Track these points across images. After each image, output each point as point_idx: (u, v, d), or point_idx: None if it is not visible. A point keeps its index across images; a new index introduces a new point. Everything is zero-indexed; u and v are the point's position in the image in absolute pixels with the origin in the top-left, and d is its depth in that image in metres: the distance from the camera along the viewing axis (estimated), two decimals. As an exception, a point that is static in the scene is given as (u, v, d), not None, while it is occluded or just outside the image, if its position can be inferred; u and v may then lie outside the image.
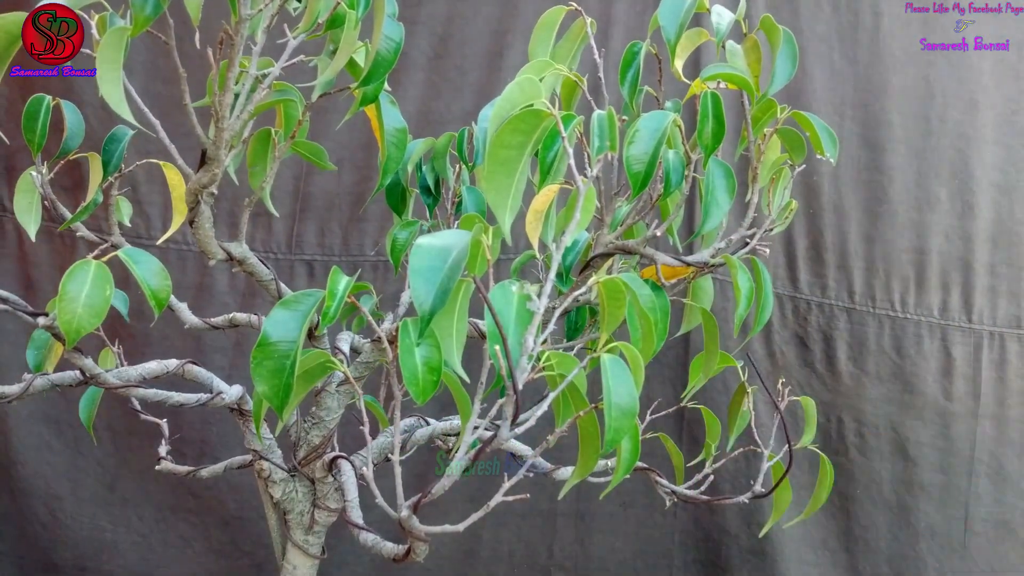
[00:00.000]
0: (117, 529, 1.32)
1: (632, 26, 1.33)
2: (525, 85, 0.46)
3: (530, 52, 0.61)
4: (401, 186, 0.78)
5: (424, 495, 0.49)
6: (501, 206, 0.46)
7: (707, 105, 0.51)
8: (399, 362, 0.44)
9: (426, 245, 0.42)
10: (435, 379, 0.46)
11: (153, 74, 1.20)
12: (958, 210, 1.37)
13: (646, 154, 0.48)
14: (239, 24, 0.41)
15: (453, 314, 0.47)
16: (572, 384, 0.48)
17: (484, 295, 0.43)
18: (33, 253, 1.28)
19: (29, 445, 1.29)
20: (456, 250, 0.43)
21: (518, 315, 0.43)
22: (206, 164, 0.47)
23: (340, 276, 0.49)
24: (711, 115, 0.51)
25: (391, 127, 0.55)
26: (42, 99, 0.63)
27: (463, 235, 0.43)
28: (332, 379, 0.69)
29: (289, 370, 0.48)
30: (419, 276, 0.42)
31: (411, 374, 0.44)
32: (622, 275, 0.47)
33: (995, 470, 1.35)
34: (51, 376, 0.64)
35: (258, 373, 0.47)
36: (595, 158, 0.46)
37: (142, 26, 0.42)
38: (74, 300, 0.48)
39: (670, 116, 0.49)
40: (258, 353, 0.47)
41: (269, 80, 0.45)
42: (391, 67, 0.49)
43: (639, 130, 0.49)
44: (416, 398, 0.45)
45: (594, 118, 0.47)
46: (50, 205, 0.67)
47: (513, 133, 0.45)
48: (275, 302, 0.66)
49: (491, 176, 0.45)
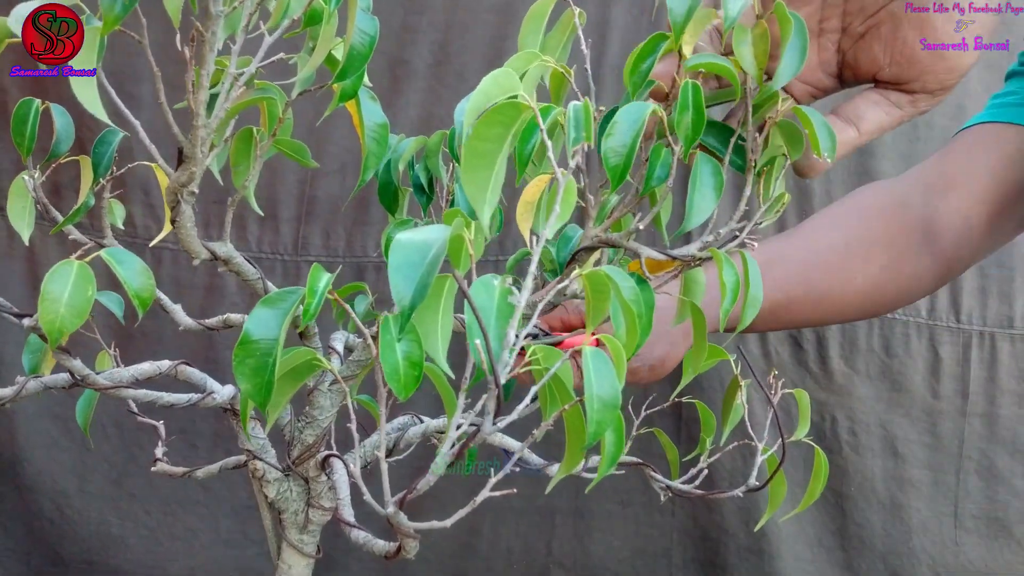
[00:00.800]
0: (124, 524, 1.31)
1: (629, 28, 1.32)
2: (501, 78, 0.45)
3: (520, 43, 0.60)
4: (394, 185, 0.77)
5: (409, 491, 0.49)
6: (479, 200, 0.44)
7: (687, 95, 0.49)
8: (379, 357, 0.44)
9: (404, 241, 0.42)
10: (417, 374, 0.44)
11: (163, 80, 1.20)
12: (945, 212, 1.38)
13: (624, 146, 0.46)
14: (209, 21, 0.41)
15: (437, 310, 0.46)
16: (557, 378, 0.48)
17: (464, 288, 0.43)
18: (42, 255, 1.29)
19: (36, 443, 1.29)
20: (436, 245, 0.42)
21: (499, 309, 0.42)
22: (184, 163, 0.47)
23: (321, 272, 0.48)
24: (691, 105, 0.49)
25: (371, 123, 0.55)
26: (31, 103, 0.62)
27: (443, 230, 0.43)
28: (325, 378, 0.69)
29: (271, 367, 0.47)
30: (398, 272, 0.41)
31: (392, 369, 0.43)
32: (605, 267, 0.47)
33: (986, 467, 1.33)
34: (43, 379, 0.64)
35: (240, 371, 0.47)
36: (571, 149, 0.46)
37: (111, 25, 0.42)
38: (56, 300, 0.47)
39: (648, 107, 0.48)
40: (240, 351, 0.47)
41: (244, 78, 0.44)
42: (366, 60, 0.48)
43: (617, 122, 0.47)
44: (398, 394, 0.45)
45: (570, 109, 0.46)
46: (43, 208, 0.67)
47: (490, 125, 0.44)
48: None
49: (468, 169, 0.44)
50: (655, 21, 1.33)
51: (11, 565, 1.30)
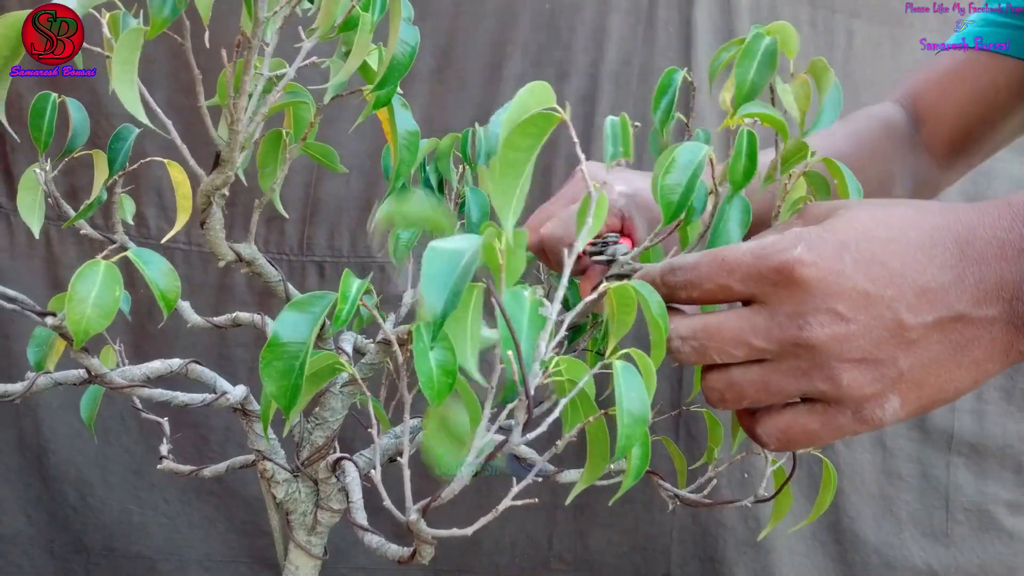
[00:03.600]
0: (145, 512, 1.30)
1: (626, 37, 1.31)
2: (537, 89, 0.45)
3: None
4: (405, 187, 0.77)
5: (434, 499, 0.48)
6: (505, 207, 0.42)
7: (742, 143, 0.48)
8: (414, 364, 0.43)
9: (438, 249, 0.41)
10: (450, 382, 0.43)
11: (175, 85, 1.17)
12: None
13: (680, 184, 0.46)
14: (256, 27, 0.40)
15: (467, 318, 0.45)
16: (582, 390, 0.48)
17: (497, 300, 0.43)
18: (61, 254, 1.27)
19: (60, 434, 1.28)
20: (468, 254, 0.41)
21: (531, 320, 0.40)
22: (219, 166, 0.46)
23: (352, 279, 0.47)
24: (744, 153, 0.48)
25: (403, 130, 0.53)
26: (48, 96, 0.61)
27: (474, 239, 0.43)
28: (336, 380, 0.68)
29: (299, 371, 0.45)
30: (431, 281, 0.40)
31: (427, 377, 0.42)
32: (633, 281, 0.47)
33: (975, 462, 1.33)
34: (54, 375, 0.62)
35: (267, 373, 0.45)
36: (609, 164, 0.46)
37: (160, 27, 0.41)
38: (83, 301, 0.45)
39: (704, 149, 0.47)
40: (267, 353, 0.45)
41: (284, 82, 0.44)
42: (406, 71, 0.47)
43: (675, 160, 0.46)
44: (432, 400, 0.44)
45: (607, 124, 0.46)
46: (54, 203, 0.66)
47: (523, 136, 0.44)
48: (283, 303, 0.65)
49: (500, 178, 0.44)
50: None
51: (35, 553, 1.28)
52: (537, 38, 1.32)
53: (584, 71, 1.33)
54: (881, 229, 0.41)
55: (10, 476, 1.29)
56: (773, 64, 0.49)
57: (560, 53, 1.33)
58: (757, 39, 0.49)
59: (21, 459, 1.29)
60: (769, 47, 0.49)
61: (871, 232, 0.41)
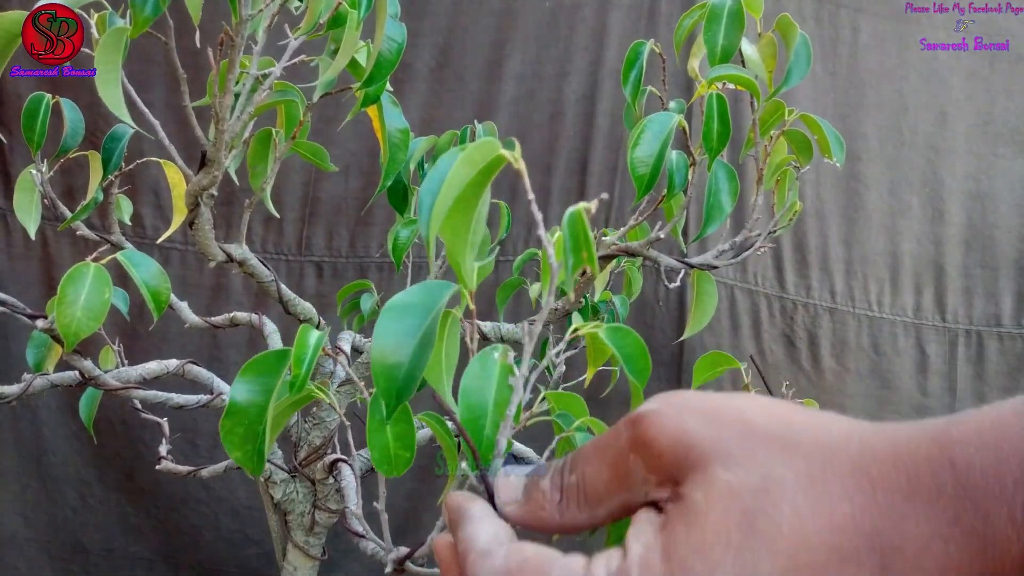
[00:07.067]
0: (139, 514, 1.30)
1: (627, 35, 1.30)
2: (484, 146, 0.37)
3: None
4: (403, 184, 0.75)
5: (412, 552, 0.45)
6: (460, 252, 0.32)
7: (712, 106, 0.48)
8: (367, 441, 0.39)
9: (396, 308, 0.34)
10: (408, 456, 0.40)
11: (174, 85, 1.17)
12: (929, 216, 1.37)
13: (651, 156, 0.44)
14: (240, 25, 0.39)
15: (440, 365, 0.37)
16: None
17: (442, 402, 0.36)
18: (57, 255, 1.27)
19: (59, 435, 1.28)
20: (428, 320, 0.34)
21: (498, 394, 0.33)
22: (206, 166, 0.45)
23: (309, 333, 0.42)
24: (716, 116, 0.47)
25: (393, 128, 0.52)
26: (41, 97, 0.60)
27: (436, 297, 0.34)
28: (333, 380, 0.67)
29: (261, 437, 0.42)
30: (386, 354, 0.33)
31: (382, 452, 0.39)
32: (602, 329, 0.39)
33: None
34: (51, 376, 0.62)
35: (230, 441, 0.41)
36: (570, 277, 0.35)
37: (142, 27, 0.39)
38: (73, 303, 0.44)
39: (675, 117, 0.46)
40: (227, 421, 0.41)
41: (270, 81, 0.42)
42: (393, 67, 0.46)
43: (644, 132, 0.45)
44: (387, 475, 0.40)
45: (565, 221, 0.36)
46: (50, 203, 0.65)
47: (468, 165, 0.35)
48: (277, 303, 0.64)
49: (449, 215, 0.32)
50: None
51: (32, 553, 1.28)
52: (537, 37, 1.31)
53: (584, 70, 1.32)
54: None
55: (7, 478, 1.29)
56: (740, 24, 0.47)
57: (560, 52, 1.32)
58: (720, 1, 0.48)
59: (20, 460, 1.29)
60: (733, 8, 0.47)
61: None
